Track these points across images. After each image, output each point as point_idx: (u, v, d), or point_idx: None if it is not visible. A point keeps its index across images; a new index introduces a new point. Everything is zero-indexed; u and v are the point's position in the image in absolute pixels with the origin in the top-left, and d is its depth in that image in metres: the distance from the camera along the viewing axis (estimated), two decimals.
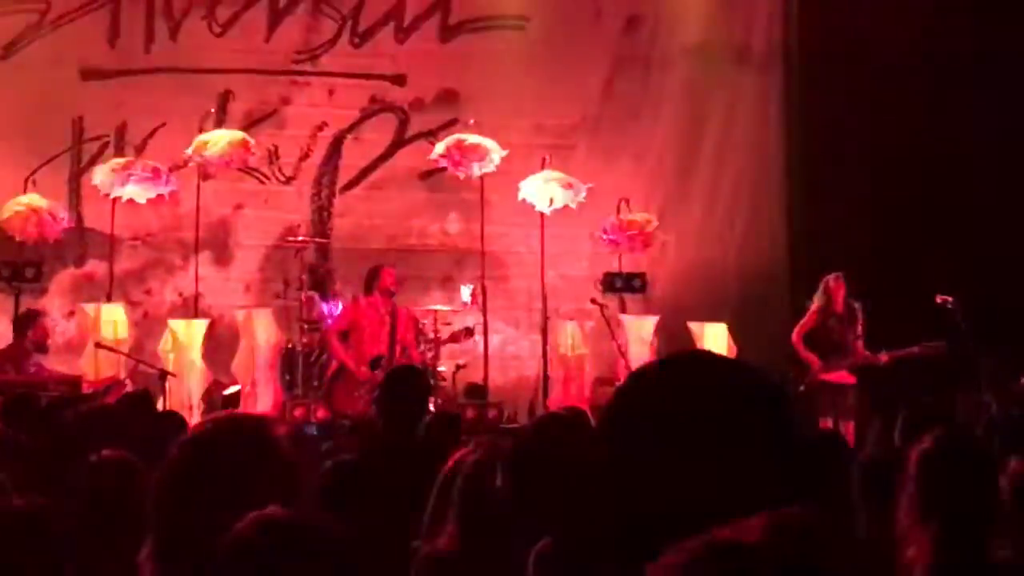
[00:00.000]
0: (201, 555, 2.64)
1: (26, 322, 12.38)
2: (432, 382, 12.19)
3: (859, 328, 12.24)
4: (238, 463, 2.71)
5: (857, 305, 12.25)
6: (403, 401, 6.66)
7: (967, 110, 14.30)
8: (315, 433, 11.21)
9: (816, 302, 12.34)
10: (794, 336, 12.31)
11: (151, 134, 14.24)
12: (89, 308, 12.99)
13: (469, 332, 12.71)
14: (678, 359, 1.88)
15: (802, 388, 11.95)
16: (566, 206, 13.45)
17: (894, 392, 10.14)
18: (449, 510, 4.27)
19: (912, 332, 12.18)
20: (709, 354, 1.90)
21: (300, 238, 13.72)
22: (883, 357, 12.11)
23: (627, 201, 13.91)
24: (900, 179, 14.37)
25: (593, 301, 13.31)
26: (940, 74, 14.48)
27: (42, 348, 12.27)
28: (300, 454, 5.29)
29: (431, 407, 9.78)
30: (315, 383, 12.73)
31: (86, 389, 11.56)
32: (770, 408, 1.78)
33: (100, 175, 13.07)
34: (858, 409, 11.79)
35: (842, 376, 12.12)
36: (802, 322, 12.37)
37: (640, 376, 1.88)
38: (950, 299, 11.96)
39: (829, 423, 11.41)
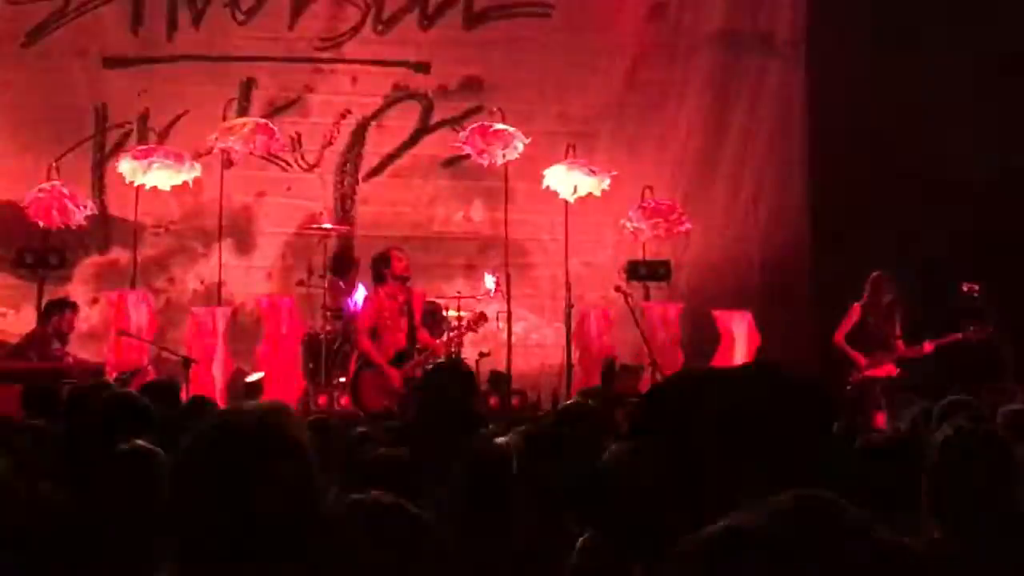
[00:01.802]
0: (227, 551, 2.61)
1: (54, 310, 12.41)
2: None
3: (898, 328, 12.14)
4: (254, 453, 2.68)
5: (897, 304, 12.13)
6: (446, 400, 6.43)
7: (989, 98, 14.22)
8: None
9: (860, 300, 12.20)
10: (836, 337, 12.18)
11: (174, 122, 14.27)
12: (112, 296, 13.02)
13: (483, 317, 12.38)
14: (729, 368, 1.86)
15: (849, 387, 11.85)
16: (590, 194, 13.42)
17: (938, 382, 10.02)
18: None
19: (938, 320, 12.10)
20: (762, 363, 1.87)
21: (323, 226, 13.71)
22: (928, 346, 11.97)
23: (651, 189, 13.89)
24: (923, 167, 14.28)
25: (617, 289, 13.20)
26: (963, 60, 14.39)
27: (63, 338, 12.30)
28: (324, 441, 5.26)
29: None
30: (338, 371, 12.68)
31: (109, 376, 11.55)
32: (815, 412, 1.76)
33: (125, 164, 13.07)
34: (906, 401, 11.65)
35: (888, 370, 12.01)
36: (843, 321, 12.23)
37: (686, 375, 1.85)
38: (976, 287, 11.85)
39: (882, 418, 11.23)
